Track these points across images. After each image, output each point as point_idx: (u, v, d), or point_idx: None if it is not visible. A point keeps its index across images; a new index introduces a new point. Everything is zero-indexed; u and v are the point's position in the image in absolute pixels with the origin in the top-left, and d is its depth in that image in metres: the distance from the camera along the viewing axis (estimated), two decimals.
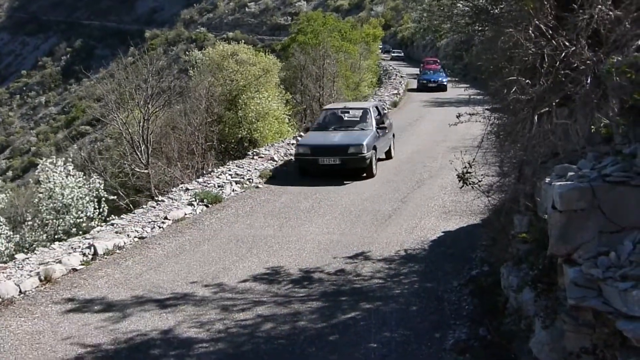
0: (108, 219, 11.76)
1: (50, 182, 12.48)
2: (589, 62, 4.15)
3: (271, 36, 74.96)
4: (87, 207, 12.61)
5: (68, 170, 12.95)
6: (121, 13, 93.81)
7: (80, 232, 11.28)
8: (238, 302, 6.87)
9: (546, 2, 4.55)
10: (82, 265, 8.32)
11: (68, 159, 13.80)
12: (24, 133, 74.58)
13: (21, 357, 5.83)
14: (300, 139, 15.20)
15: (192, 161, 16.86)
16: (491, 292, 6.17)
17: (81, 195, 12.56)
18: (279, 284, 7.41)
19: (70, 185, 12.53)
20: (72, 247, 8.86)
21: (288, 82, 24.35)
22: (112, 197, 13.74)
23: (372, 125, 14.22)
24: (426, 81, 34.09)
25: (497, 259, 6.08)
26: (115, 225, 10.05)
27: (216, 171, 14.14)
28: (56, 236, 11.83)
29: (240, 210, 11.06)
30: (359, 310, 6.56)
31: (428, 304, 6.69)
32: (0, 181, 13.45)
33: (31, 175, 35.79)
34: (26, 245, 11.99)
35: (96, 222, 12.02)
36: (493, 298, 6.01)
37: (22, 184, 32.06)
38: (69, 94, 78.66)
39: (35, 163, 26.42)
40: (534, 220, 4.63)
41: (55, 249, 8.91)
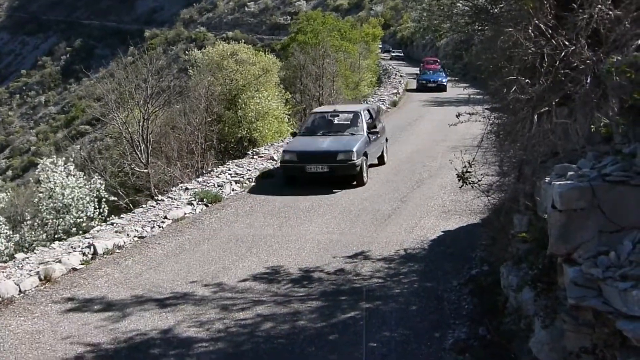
0: (108, 219, 11.75)
1: (50, 182, 12.47)
2: (589, 62, 4.15)
3: (271, 36, 74.97)
4: (88, 207, 12.60)
5: (69, 170, 12.95)
6: (121, 13, 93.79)
7: (80, 232, 11.27)
8: (238, 302, 6.87)
9: (546, 2, 4.55)
10: (82, 264, 8.32)
11: (69, 159, 13.80)
12: (24, 132, 74.58)
13: (21, 357, 5.83)
14: (286, 145, 14.37)
15: (192, 161, 16.87)
16: (491, 292, 6.17)
17: (82, 195, 12.55)
18: (279, 284, 7.42)
19: (70, 185, 12.52)
20: (72, 247, 8.86)
21: (288, 82, 24.34)
22: (113, 198, 13.72)
23: (363, 129, 13.40)
24: (425, 81, 33.72)
25: (497, 259, 6.08)
26: (115, 224, 10.06)
27: (216, 170, 14.15)
28: (56, 236, 11.83)
29: (239, 209, 11.06)
30: (359, 309, 6.56)
31: (428, 304, 6.69)
32: (0, 180, 13.33)
33: (31, 174, 35.84)
34: (26, 244, 11.99)
35: (96, 222, 12.02)
36: (493, 297, 6.01)
37: (22, 184, 32.01)
38: (69, 94, 78.65)
39: (35, 162, 26.43)
40: (534, 219, 4.63)
41: (55, 249, 8.92)
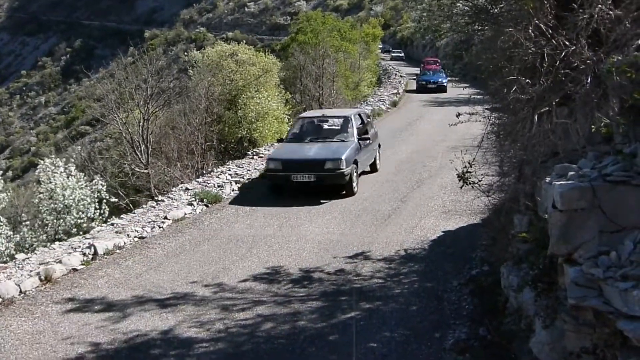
0: (109, 220, 11.75)
1: (51, 183, 12.46)
2: (589, 62, 4.15)
3: (271, 36, 74.97)
4: (88, 209, 12.60)
5: (69, 170, 12.94)
6: (121, 13, 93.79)
7: (80, 233, 11.27)
8: (238, 302, 6.87)
9: (546, 2, 4.55)
10: (82, 265, 8.32)
11: (69, 159, 13.79)
12: (24, 133, 74.59)
13: (21, 357, 5.83)
14: (270, 153, 13.68)
15: (192, 161, 16.85)
16: (491, 292, 6.17)
17: (82, 196, 12.54)
18: (279, 284, 7.41)
19: (71, 185, 12.51)
20: (72, 247, 8.87)
21: (288, 82, 24.30)
22: (114, 200, 13.71)
23: (354, 135, 12.58)
24: (425, 82, 32.93)
25: (497, 259, 6.08)
26: (115, 225, 10.06)
27: (216, 171, 14.16)
28: (56, 236, 11.83)
29: (240, 210, 11.06)
30: (359, 310, 6.56)
31: (428, 304, 6.68)
32: (1, 181, 13.29)
33: (31, 175, 35.80)
34: (26, 245, 11.98)
35: (97, 223, 12.02)
36: (493, 298, 6.01)
37: (22, 184, 32.02)
38: (69, 94, 78.66)
39: (35, 163, 26.39)
40: (534, 219, 4.63)
41: (55, 249, 8.92)
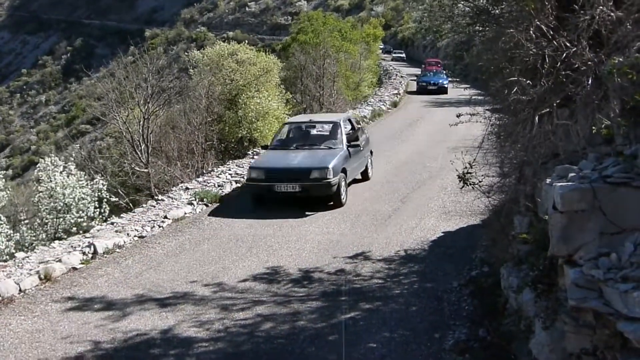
0: (108, 219, 11.75)
1: (51, 182, 12.46)
2: (590, 63, 4.15)
3: (271, 36, 75.00)
4: (89, 207, 12.60)
5: (69, 169, 12.94)
6: (121, 12, 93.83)
7: (80, 231, 11.27)
8: (238, 302, 6.87)
9: (547, 3, 4.55)
10: (82, 264, 8.32)
11: (70, 159, 13.79)
12: (24, 132, 74.63)
13: (21, 356, 5.83)
14: (253, 161, 12.97)
15: (192, 160, 16.85)
16: (491, 293, 6.17)
17: (83, 195, 12.54)
18: (279, 284, 7.41)
19: (71, 184, 12.51)
20: (72, 246, 8.87)
21: (288, 82, 24.29)
22: (114, 199, 13.72)
23: (343, 142, 11.83)
24: (425, 83, 32.35)
25: (497, 260, 6.08)
26: (115, 224, 10.06)
27: (216, 170, 14.16)
28: (56, 235, 11.83)
29: (240, 209, 11.05)
30: (359, 310, 6.56)
31: (428, 305, 6.68)
32: (2, 179, 13.28)
33: (31, 173, 35.75)
34: (26, 244, 11.99)
35: (97, 222, 12.02)
36: (493, 299, 6.01)
37: (22, 183, 32.01)
38: (69, 93, 78.72)
39: (35, 162, 26.42)
40: (535, 221, 4.63)
41: (55, 248, 8.92)
